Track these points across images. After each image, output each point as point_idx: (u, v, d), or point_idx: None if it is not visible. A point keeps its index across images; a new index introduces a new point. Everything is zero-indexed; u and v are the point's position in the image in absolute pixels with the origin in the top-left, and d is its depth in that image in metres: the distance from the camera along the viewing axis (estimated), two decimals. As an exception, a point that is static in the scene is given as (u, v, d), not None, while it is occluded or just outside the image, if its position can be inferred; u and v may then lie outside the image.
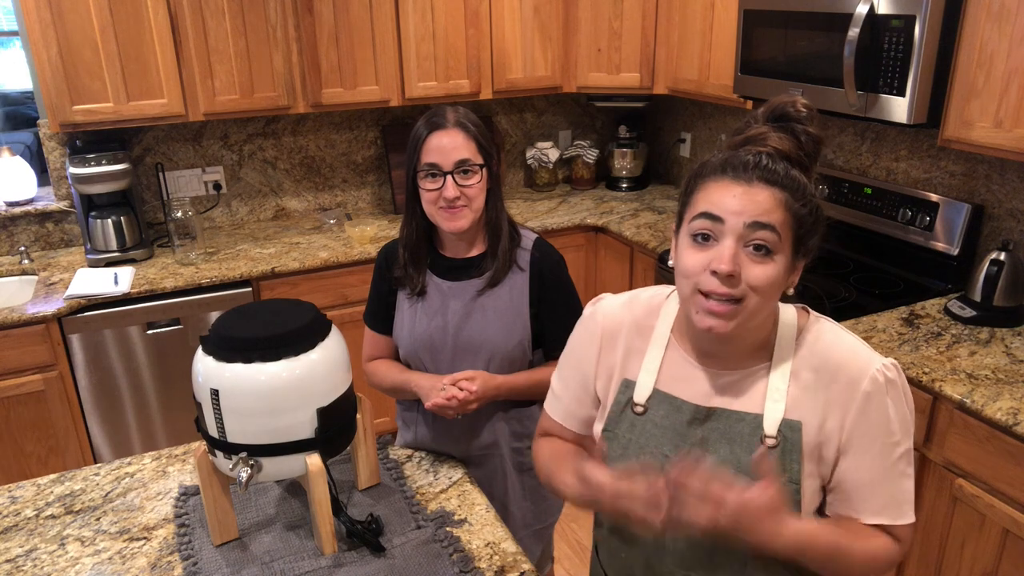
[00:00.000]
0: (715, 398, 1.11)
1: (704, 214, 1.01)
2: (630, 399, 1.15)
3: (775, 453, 1.06)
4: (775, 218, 0.98)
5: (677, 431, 1.11)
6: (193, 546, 1.36)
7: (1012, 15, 1.89)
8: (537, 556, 1.83)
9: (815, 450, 1.07)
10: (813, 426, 1.06)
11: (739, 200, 0.99)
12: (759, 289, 0.99)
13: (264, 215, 3.41)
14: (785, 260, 1.01)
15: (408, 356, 1.69)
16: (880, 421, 1.05)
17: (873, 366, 1.05)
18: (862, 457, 1.06)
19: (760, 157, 1.00)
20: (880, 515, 1.08)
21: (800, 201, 1.00)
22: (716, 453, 1.08)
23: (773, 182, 0.99)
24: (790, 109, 1.04)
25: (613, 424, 1.17)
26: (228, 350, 1.22)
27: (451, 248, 1.66)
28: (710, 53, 2.96)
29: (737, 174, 1.00)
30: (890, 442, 1.06)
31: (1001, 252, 2.15)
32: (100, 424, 2.71)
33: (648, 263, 3.03)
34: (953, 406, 1.82)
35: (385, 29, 3.01)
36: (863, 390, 1.04)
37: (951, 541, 1.90)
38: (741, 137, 1.06)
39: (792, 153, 1.02)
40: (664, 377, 1.15)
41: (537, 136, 3.83)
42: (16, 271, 2.87)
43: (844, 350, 1.08)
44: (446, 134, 1.53)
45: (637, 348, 1.18)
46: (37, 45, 2.55)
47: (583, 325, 1.25)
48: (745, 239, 0.99)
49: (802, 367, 1.08)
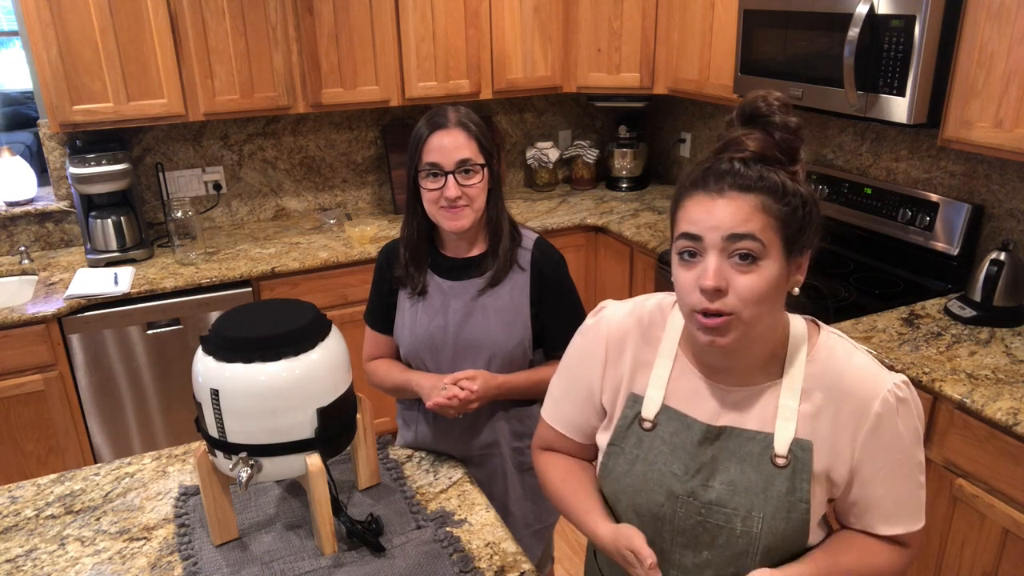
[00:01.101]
0: (725, 415, 1.10)
1: (684, 234, 1.00)
2: (638, 414, 1.14)
3: (786, 473, 1.05)
4: (753, 225, 0.96)
5: (687, 450, 1.10)
6: (193, 546, 1.36)
7: (1012, 15, 1.89)
8: (537, 556, 1.83)
9: (825, 470, 1.06)
10: (824, 446, 1.06)
11: (714, 214, 0.97)
12: (749, 299, 0.97)
13: (264, 215, 3.41)
14: (776, 264, 0.99)
15: (409, 355, 1.69)
16: (892, 441, 1.05)
17: (884, 387, 1.04)
18: (875, 475, 1.06)
19: (732, 164, 0.98)
20: (894, 526, 1.08)
21: (781, 201, 0.97)
22: (726, 472, 1.08)
23: (746, 188, 0.97)
24: (760, 104, 1.00)
25: (620, 439, 1.15)
26: (228, 350, 1.22)
27: (452, 248, 1.66)
28: (710, 53, 2.96)
29: (709, 187, 0.99)
30: (902, 458, 1.06)
31: (1001, 252, 2.15)
32: (100, 424, 2.71)
33: (648, 263, 3.03)
34: (953, 406, 1.82)
35: (385, 29, 3.01)
36: (875, 411, 1.04)
37: (951, 541, 1.90)
38: (720, 144, 1.03)
39: (768, 152, 0.99)
40: (673, 392, 1.13)
41: (537, 136, 3.83)
42: (16, 271, 2.87)
43: (855, 369, 1.06)
44: (447, 134, 1.53)
45: (644, 360, 1.16)
46: (37, 45, 2.55)
47: (586, 335, 1.22)
48: (728, 251, 0.97)
49: (813, 386, 1.06)
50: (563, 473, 1.25)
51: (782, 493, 1.05)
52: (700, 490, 1.08)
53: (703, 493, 1.08)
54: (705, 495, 1.08)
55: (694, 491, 1.08)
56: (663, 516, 1.10)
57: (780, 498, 1.05)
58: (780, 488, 1.05)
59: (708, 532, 1.08)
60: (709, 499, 1.07)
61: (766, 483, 1.05)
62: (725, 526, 1.06)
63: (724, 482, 1.07)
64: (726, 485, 1.07)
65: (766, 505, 1.05)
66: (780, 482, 1.05)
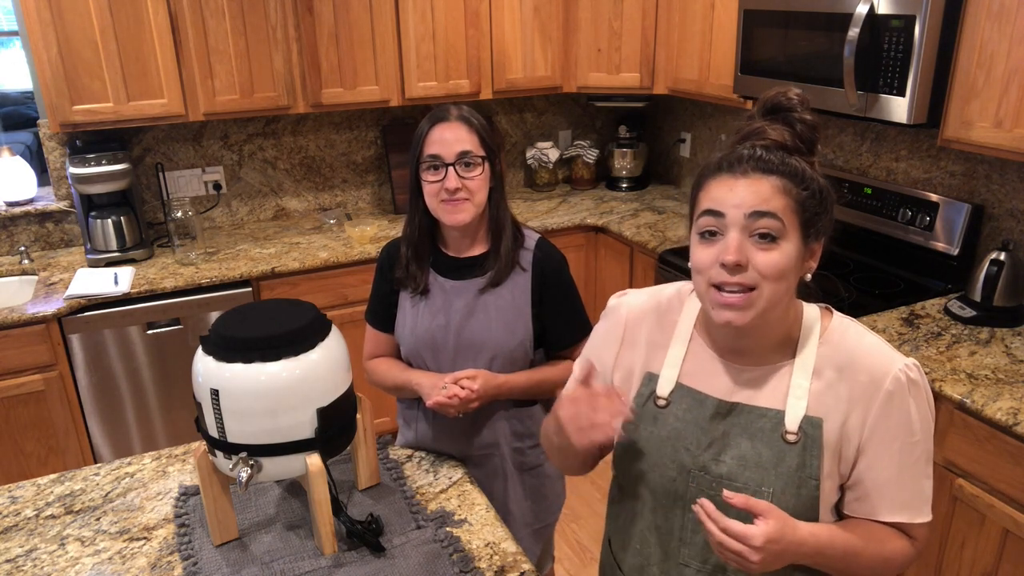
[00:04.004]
0: (737, 393, 1.12)
1: (707, 211, 1.04)
2: (653, 392, 1.17)
3: (796, 449, 1.07)
4: (775, 205, 1.00)
5: (699, 425, 1.12)
6: (193, 546, 1.36)
7: (1012, 15, 1.89)
8: (537, 556, 1.83)
9: (836, 447, 1.08)
10: (835, 423, 1.07)
11: (737, 193, 1.01)
12: (769, 276, 1.01)
13: (264, 215, 3.41)
14: (794, 245, 1.02)
15: (410, 354, 1.69)
16: (901, 421, 1.06)
17: (896, 366, 1.06)
18: (882, 455, 1.07)
19: (755, 149, 1.04)
20: (898, 513, 1.09)
21: (800, 186, 1.02)
22: (737, 448, 1.10)
23: (769, 170, 1.02)
24: (782, 99, 1.07)
25: (635, 416, 1.17)
26: (228, 350, 1.22)
27: (454, 246, 1.66)
28: (710, 53, 2.96)
29: (733, 168, 1.03)
30: (910, 441, 1.07)
31: (1001, 252, 2.15)
32: (100, 424, 2.71)
33: (648, 263, 3.03)
34: (953, 406, 1.82)
35: (385, 29, 3.01)
36: (885, 389, 1.05)
37: (951, 541, 1.90)
38: (740, 135, 1.09)
39: (789, 142, 1.05)
40: (687, 371, 1.16)
41: (537, 136, 3.83)
42: (16, 271, 2.87)
43: (867, 349, 1.09)
44: (449, 127, 1.54)
45: (660, 342, 1.19)
46: (37, 45, 2.55)
47: (607, 318, 1.27)
48: (749, 229, 1.01)
49: (825, 365, 1.09)
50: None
51: (792, 469, 1.06)
52: (711, 464, 1.10)
53: (714, 467, 1.10)
54: (716, 469, 1.10)
55: (705, 465, 1.10)
56: (675, 492, 1.13)
57: (790, 474, 1.06)
58: (791, 464, 1.06)
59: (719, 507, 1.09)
60: (720, 473, 1.09)
61: (777, 459, 1.07)
62: None
63: (735, 457, 1.09)
64: (737, 460, 1.09)
65: (776, 481, 1.07)
66: (791, 458, 1.07)
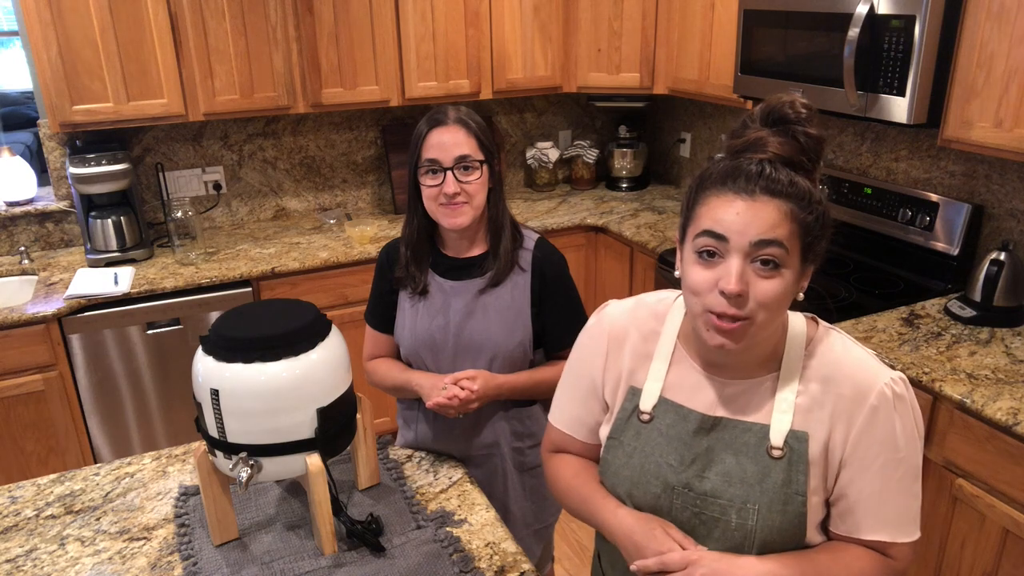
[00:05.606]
0: (721, 407, 1.10)
1: (708, 232, 0.98)
2: (636, 407, 1.15)
3: (782, 464, 1.05)
4: (781, 232, 0.95)
5: (683, 440, 1.10)
6: (193, 546, 1.36)
7: (1012, 15, 1.89)
8: (537, 556, 1.83)
9: (821, 462, 1.05)
10: (819, 438, 1.05)
11: (743, 217, 0.95)
12: (768, 305, 0.97)
13: (264, 215, 3.41)
14: (794, 271, 0.99)
15: (409, 355, 1.69)
16: (885, 436, 1.03)
17: (881, 380, 1.03)
18: (864, 471, 1.04)
19: (763, 166, 0.97)
20: (879, 532, 1.05)
21: (806, 210, 0.97)
22: (721, 463, 1.07)
23: (777, 193, 0.96)
24: (788, 111, 0.99)
25: (619, 431, 1.16)
26: (228, 350, 1.22)
27: (453, 247, 1.66)
28: (710, 53, 2.96)
29: (739, 187, 0.97)
30: (894, 458, 1.04)
31: (1001, 252, 2.15)
32: (100, 424, 2.71)
33: (648, 263, 3.03)
34: (953, 406, 1.82)
35: (385, 29, 3.01)
36: (870, 404, 1.03)
37: (951, 541, 1.90)
38: (740, 141, 1.02)
39: (794, 157, 0.98)
40: (671, 385, 1.13)
41: (537, 136, 3.83)
42: (16, 271, 2.87)
43: (853, 362, 1.06)
44: (447, 131, 1.54)
45: (643, 355, 1.16)
46: (37, 45, 2.55)
47: (588, 333, 1.23)
48: (752, 256, 0.96)
49: (810, 378, 1.06)
50: (575, 469, 1.25)
51: (778, 485, 1.04)
52: (695, 481, 1.08)
53: (698, 484, 1.08)
54: (700, 486, 1.08)
55: (689, 482, 1.08)
56: (660, 509, 1.10)
57: (776, 490, 1.04)
58: (776, 479, 1.04)
59: (704, 525, 1.08)
60: (704, 490, 1.07)
61: (762, 474, 1.05)
62: (721, 518, 1.06)
63: (719, 473, 1.07)
64: (721, 476, 1.07)
65: (761, 497, 1.04)
66: (776, 473, 1.05)
